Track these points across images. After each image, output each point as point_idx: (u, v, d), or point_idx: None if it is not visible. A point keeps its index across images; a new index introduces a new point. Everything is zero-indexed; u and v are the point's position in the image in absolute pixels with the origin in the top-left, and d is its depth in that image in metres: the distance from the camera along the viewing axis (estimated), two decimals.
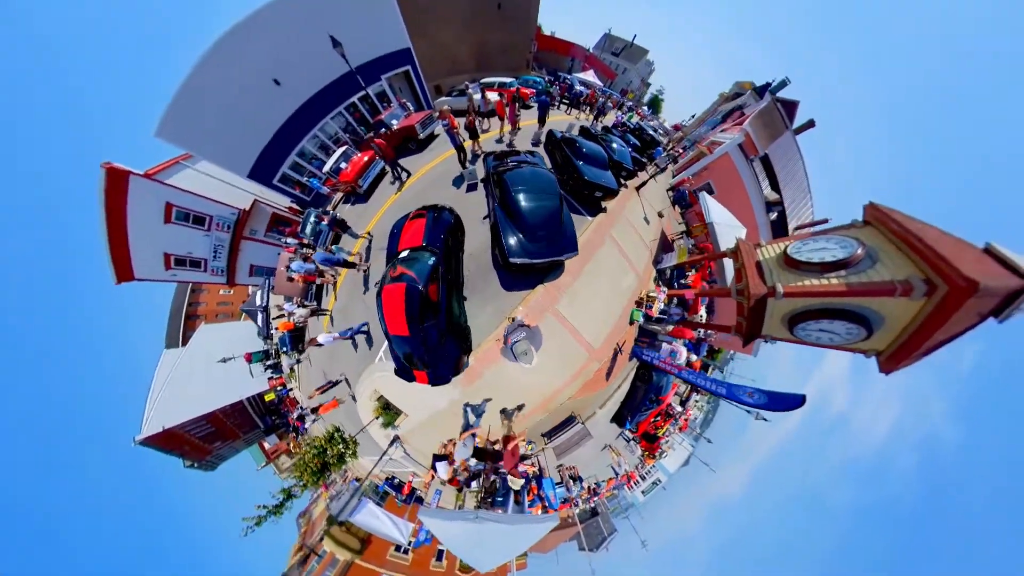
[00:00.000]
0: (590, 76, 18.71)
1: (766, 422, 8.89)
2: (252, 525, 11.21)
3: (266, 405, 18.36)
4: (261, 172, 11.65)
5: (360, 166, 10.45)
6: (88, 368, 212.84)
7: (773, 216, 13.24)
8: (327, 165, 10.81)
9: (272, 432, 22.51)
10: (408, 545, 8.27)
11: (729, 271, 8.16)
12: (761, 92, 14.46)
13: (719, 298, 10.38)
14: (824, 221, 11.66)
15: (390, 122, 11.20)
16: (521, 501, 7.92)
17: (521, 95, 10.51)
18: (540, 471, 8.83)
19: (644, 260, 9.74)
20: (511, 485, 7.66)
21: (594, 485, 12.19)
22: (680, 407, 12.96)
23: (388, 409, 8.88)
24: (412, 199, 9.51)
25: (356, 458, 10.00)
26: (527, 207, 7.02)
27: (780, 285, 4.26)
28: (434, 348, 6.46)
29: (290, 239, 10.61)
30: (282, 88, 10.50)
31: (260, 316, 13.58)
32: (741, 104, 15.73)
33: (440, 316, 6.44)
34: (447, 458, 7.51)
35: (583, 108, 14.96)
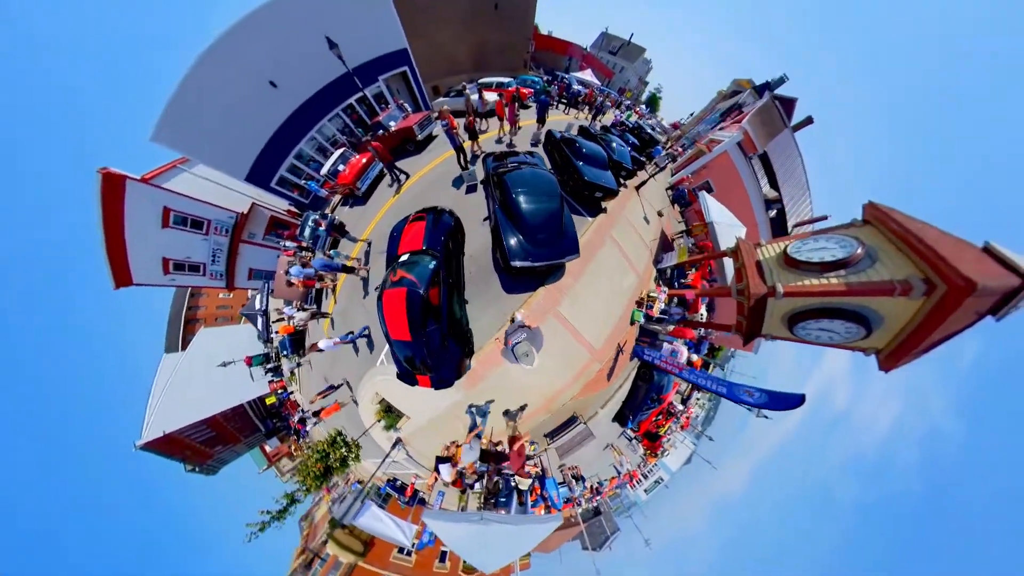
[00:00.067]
0: (588, 75, 18.68)
1: (767, 419, 8.94)
2: (256, 531, 11.24)
3: (267, 408, 18.39)
4: (259, 175, 11.62)
5: (358, 168, 10.43)
6: (88, 373, 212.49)
7: (772, 214, 13.28)
8: (325, 167, 10.78)
9: (273, 435, 22.56)
10: (412, 547, 8.29)
11: (729, 270, 8.19)
12: (761, 91, 14.49)
13: (719, 297, 10.40)
14: (824, 218, 11.68)
15: (388, 124, 11.18)
16: (524, 501, 7.93)
17: (520, 95, 10.50)
18: (543, 471, 8.84)
19: (644, 260, 9.75)
20: (519, 485, 7.67)
21: (597, 484, 12.23)
22: (681, 405, 12.99)
23: (390, 412, 8.89)
24: (411, 201, 9.49)
25: (359, 461, 10.01)
26: (528, 209, 6.98)
27: (780, 285, 4.27)
28: (436, 352, 6.44)
29: (289, 242, 10.58)
30: (279, 90, 10.46)
31: (260, 320, 13.55)
32: (740, 102, 15.75)
33: (442, 320, 6.41)
34: (450, 460, 7.52)
35: (581, 107, 14.96)
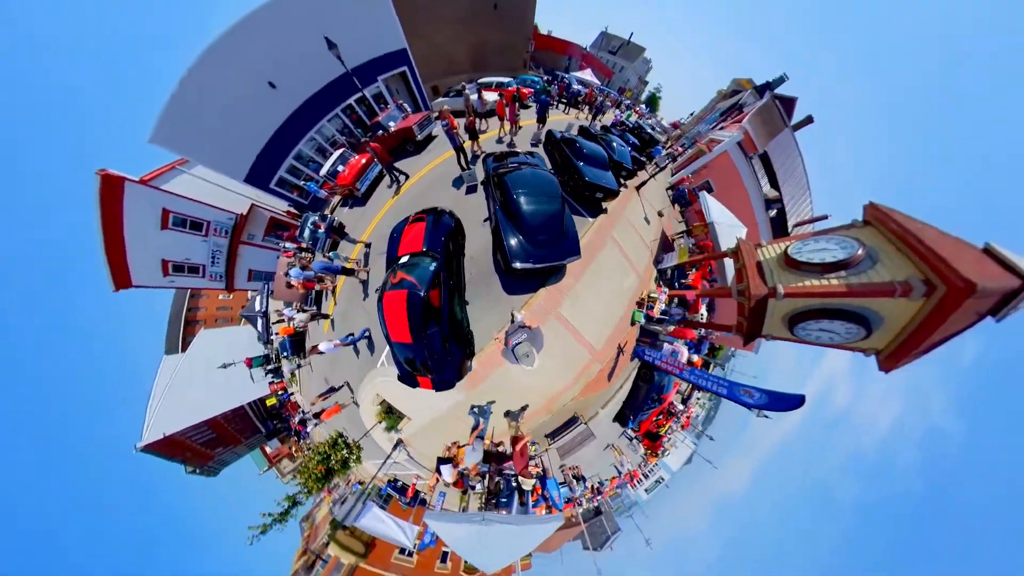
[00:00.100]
0: (587, 75, 18.65)
1: (768, 419, 8.93)
2: (257, 534, 11.24)
3: (267, 410, 18.38)
4: (258, 176, 11.60)
5: (357, 169, 10.41)
6: (88, 374, 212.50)
7: (772, 213, 13.28)
8: (324, 168, 10.75)
9: (274, 436, 22.54)
10: (413, 548, 8.30)
11: (730, 270, 8.18)
12: (761, 91, 14.49)
13: (720, 297, 10.40)
14: (824, 217, 11.70)
15: (387, 124, 11.16)
16: (525, 502, 7.94)
17: (520, 95, 10.49)
18: (544, 471, 8.85)
19: (645, 260, 9.74)
20: (523, 485, 7.67)
21: (597, 484, 12.23)
22: (682, 405, 13.01)
23: (391, 413, 8.89)
24: (410, 202, 9.48)
25: (360, 463, 10.01)
26: (529, 210, 6.96)
27: (781, 286, 4.27)
28: (437, 354, 6.42)
29: (288, 243, 10.57)
30: (278, 91, 10.45)
31: (260, 321, 13.52)
32: (740, 102, 15.74)
33: (443, 322, 6.39)
34: (451, 461, 7.52)
35: (581, 107, 14.95)
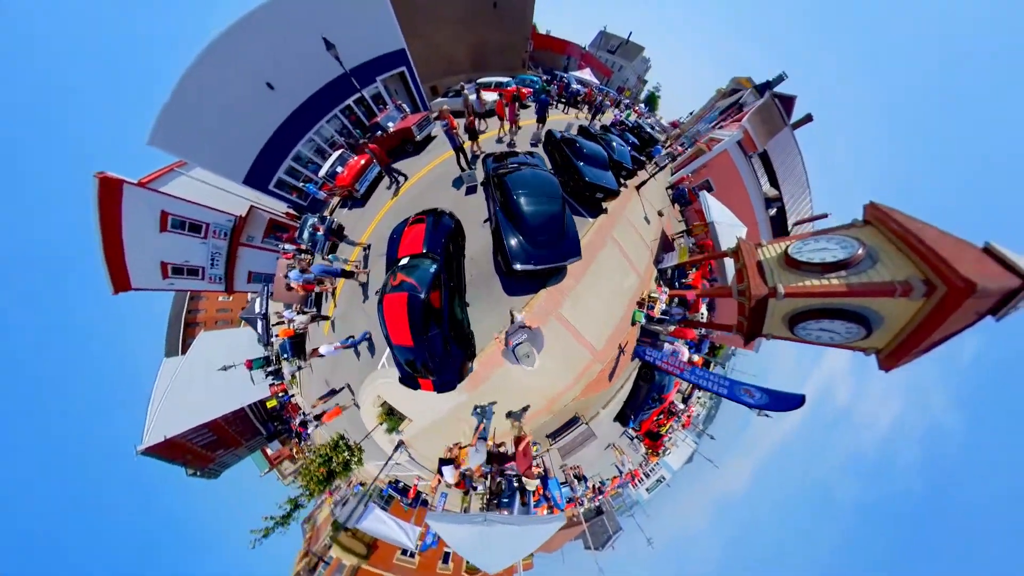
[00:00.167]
0: (586, 74, 18.62)
1: (768, 418, 8.95)
2: (260, 537, 11.22)
3: (268, 411, 18.36)
4: (256, 178, 11.59)
5: (356, 170, 10.38)
6: (89, 377, 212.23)
7: (772, 212, 13.28)
8: (323, 169, 10.72)
9: (275, 438, 22.52)
10: (415, 549, 8.29)
11: (730, 269, 8.18)
12: (761, 90, 14.48)
13: (720, 297, 10.40)
14: (824, 216, 11.69)
15: (386, 124, 11.14)
16: (527, 502, 7.94)
17: (520, 95, 10.47)
18: (545, 471, 8.86)
19: (645, 260, 9.74)
20: (526, 486, 7.68)
21: (599, 484, 12.26)
22: (683, 404, 13.03)
23: (392, 415, 8.89)
24: (410, 203, 9.46)
25: (362, 465, 10.01)
26: (529, 211, 6.93)
27: (781, 286, 4.27)
28: (438, 356, 6.41)
29: (288, 245, 10.56)
30: (276, 92, 10.43)
31: (260, 323, 13.51)
32: (739, 100, 15.74)
33: (443, 324, 6.38)
34: (453, 462, 7.52)
35: (581, 107, 14.93)
